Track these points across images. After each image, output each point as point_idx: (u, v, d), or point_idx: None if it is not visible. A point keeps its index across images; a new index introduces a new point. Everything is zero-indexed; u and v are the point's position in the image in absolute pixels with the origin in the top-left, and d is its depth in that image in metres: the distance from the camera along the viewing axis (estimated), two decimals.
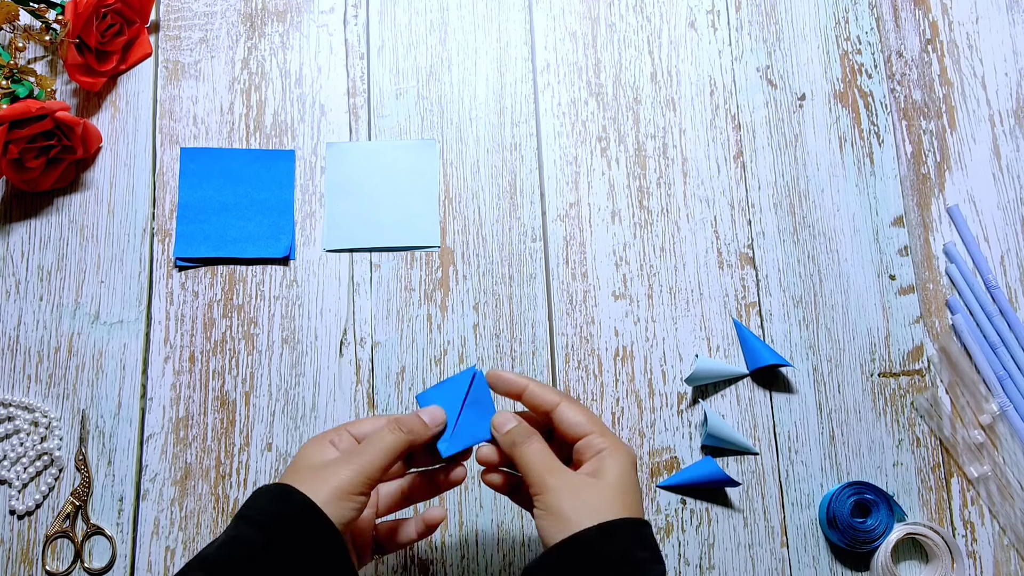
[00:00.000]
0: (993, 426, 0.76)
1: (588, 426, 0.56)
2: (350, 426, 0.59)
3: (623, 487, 0.53)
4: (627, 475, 0.54)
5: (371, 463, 0.54)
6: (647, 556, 0.52)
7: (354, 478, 0.53)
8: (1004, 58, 0.85)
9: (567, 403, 0.57)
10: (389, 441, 0.55)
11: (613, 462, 0.54)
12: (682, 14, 0.85)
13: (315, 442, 0.57)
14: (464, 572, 0.73)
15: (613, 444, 0.55)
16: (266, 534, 0.50)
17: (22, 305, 0.77)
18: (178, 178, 0.80)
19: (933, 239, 0.81)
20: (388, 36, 0.84)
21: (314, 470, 0.54)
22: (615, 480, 0.53)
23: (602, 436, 0.55)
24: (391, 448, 0.55)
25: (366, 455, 0.54)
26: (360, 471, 0.53)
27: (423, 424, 0.57)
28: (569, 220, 0.80)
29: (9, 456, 0.73)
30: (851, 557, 0.74)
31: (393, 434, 0.55)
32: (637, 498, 0.54)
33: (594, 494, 0.53)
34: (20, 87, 0.76)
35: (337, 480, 0.53)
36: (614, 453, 0.55)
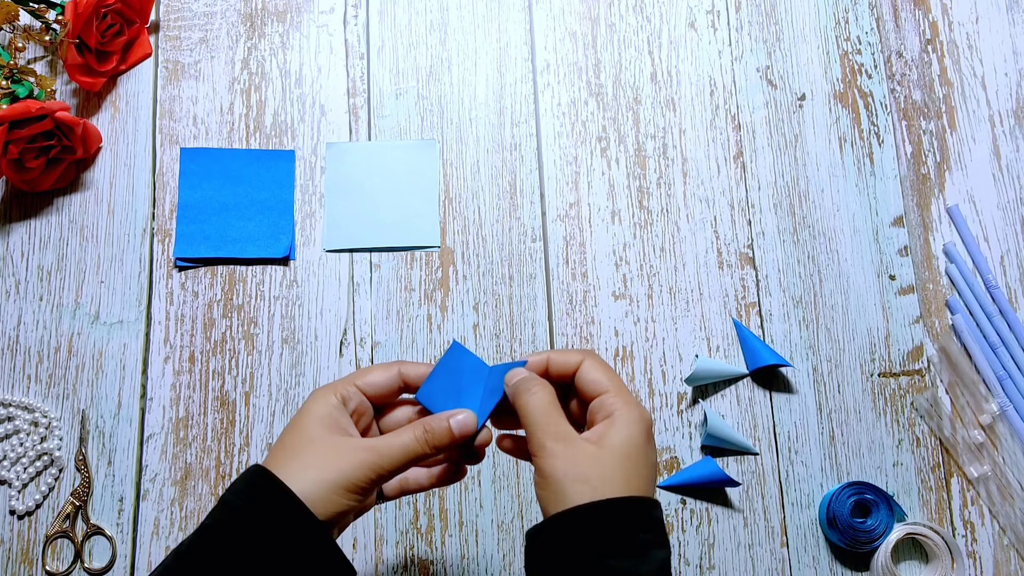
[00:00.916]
0: (993, 426, 0.76)
1: (604, 383, 0.52)
2: (358, 378, 0.54)
3: (627, 455, 0.49)
4: (635, 442, 0.50)
5: (384, 463, 0.50)
6: (650, 539, 0.48)
7: (363, 472, 0.49)
8: (1004, 58, 0.85)
9: (589, 360, 0.53)
10: (412, 448, 0.51)
11: (621, 426, 0.50)
12: (682, 14, 0.85)
13: (323, 398, 0.52)
14: (464, 572, 0.73)
15: (626, 405, 0.51)
16: (238, 521, 0.47)
17: (22, 305, 0.77)
18: (178, 178, 0.80)
19: (933, 239, 0.81)
20: (388, 36, 0.84)
21: (326, 442, 0.50)
22: (619, 448, 0.49)
23: (616, 395, 0.51)
24: (411, 453, 0.51)
25: (383, 454, 0.50)
26: (371, 468, 0.50)
27: (450, 433, 0.52)
28: (569, 220, 0.80)
29: (9, 456, 0.73)
30: (851, 557, 0.74)
31: (418, 442, 0.51)
32: (643, 470, 0.50)
33: (594, 465, 0.49)
34: (20, 87, 0.76)
35: (345, 468, 0.49)
36: (624, 416, 0.50)
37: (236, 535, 0.47)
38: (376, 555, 0.73)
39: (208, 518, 0.49)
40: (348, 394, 0.53)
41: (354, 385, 0.53)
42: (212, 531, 0.48)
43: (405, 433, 0.52)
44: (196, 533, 0.48)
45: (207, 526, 0.48)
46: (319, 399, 0.52)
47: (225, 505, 0.49)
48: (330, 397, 0.52)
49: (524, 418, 0.51)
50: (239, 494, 0.49)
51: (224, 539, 0.47)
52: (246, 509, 0.48)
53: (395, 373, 0.55)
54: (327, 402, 0.52)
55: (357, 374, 0.54)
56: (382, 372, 0.54)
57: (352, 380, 0.54)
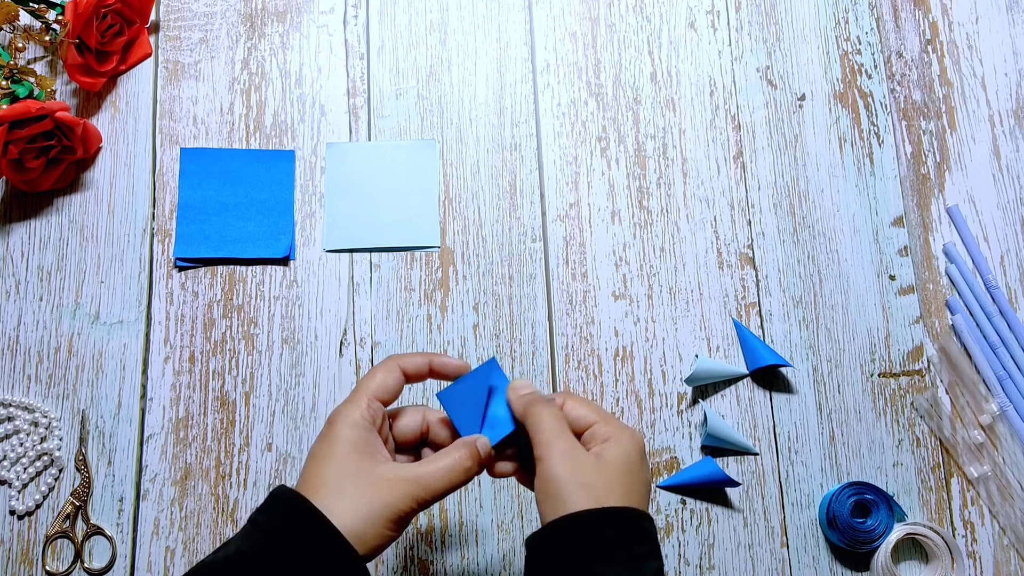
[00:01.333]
0: (993, 426, 0.76)
1: (592, 416, 0.55)
2: (369, 388, 0.54)
3: (626, 470, 0.52)
4: (632, 459, 0.53)
5: (428, 495, 0.51)
6: (644, 550, 0.50)
7: (411, 505, 0.51)
8: (1004, 58, 0.85)
9: (570, 399, 0.56)
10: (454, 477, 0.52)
11: (619, 446, 0.53)
12: (682, 14, 0.85)
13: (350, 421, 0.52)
14: (464, 572, 0.73)
15: (618, 430, 0.54)
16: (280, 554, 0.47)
17: (22, 305, 0.77)
18: (178, 178, 0.80)
19: (933, 239, 0.81)
20: (388, 36, 0.84)
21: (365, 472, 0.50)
22: (619, 464, 0.52)
23: (607, 424, 0.54)
24: (454, 482, 0.52)
25: (427, 486, 0.51)
26: (418, 500, 0.51)
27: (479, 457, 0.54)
28: (569, 220, 0.80)
29: (9, 456, 0.73)
30: (851, 557, 0.74)
31: (460, 472, 0.52)
32: (639, 485, 0.53)
33: (596, 475, 0.51)
34: (20, 87, 0.76)
35: (393, 501, 0.50)
36: (620, 438, 0.53)
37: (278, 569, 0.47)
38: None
39: (240, 542, 0.49)
40: (373, 411, 0.54)
41: (373, 398, 0.54)
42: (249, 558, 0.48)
43: (446, 458, 0.53)
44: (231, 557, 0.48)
45: (243, 552, 0.48)
46: (346, 421, 0.52)
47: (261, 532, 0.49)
48: (356, 417, 0.53)
49: (535, 426, 0.53)
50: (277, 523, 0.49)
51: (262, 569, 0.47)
52: (285, 541, 0.48)
53: (398, 374, 0.55)
54: (355, 424, 0.52)
55: (367, 384, 0.54)
56: (387, 374, 0.55)
57: (368, 393, 0.54)
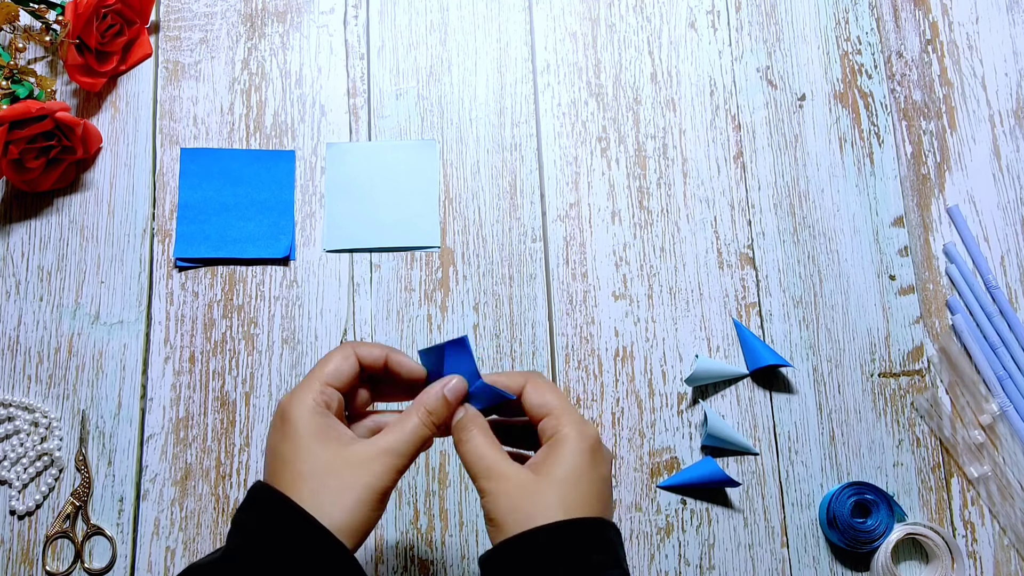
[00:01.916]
0: (993, 426, 0.76)
1: (547, 405, 0.51)
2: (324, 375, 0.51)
3: (569, 481, 0.48)
4: (576, 464, 0.49)
5: (404, 460, 0.49)
6: (603, 560, 0.47)
7: (391, 476, 0.48)
8: (1004, 58, 0.85)
9: (532, 382, 0.53)
10: (422, 432, 0.50)
11: (562, 450, 0.49)
12: (682, 14, 0.85)
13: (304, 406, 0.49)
14: (464, 572, 0.73)
15: (569, 425, 0.50)
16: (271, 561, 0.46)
17: (22, 305, 0.77)
18: (178, 178, 0.80)
19: (933, 239, 0.81)
20: (388, 36, 0.84)
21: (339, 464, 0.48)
22: (560, 473, 0.49)
23: (559, 417, 0.51)
24: (423, 438, 0.50)
25: (400, 451, 0.49)
26: (396, 469, 0.49)
27: (447, 402, 0.52)
28: (569, 220, 0.80)
29: (9, 456, 0.73)
30: (851, 557, 0.74)
31: (425, 425, 0.51)
32: (589, 488, 0.49)
33: (532, 497, 0.48)
34: (20, 87, 0.76)
35: (373, 481, 0.48)
36: (565, 438, 0.50)
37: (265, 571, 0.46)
38: (376, 555, 0.73)
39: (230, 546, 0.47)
40: (326, 396, 0.51)
41: (325, 384, 0.51)
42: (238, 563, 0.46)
43: (409, 420, 0.51)
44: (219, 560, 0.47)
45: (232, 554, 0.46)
46: (300, 411, 0.49)
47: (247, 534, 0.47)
48: (309, 404, 0.50)
49: (464, 464, 0.51)
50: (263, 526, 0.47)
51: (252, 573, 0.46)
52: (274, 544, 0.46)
53: (353, 361, 0.52)
54: (310, 411, 0.50)
55: (319, 369, 0.51)
56: (343, 361, 0.52)
57: (319, 378, 0.51)
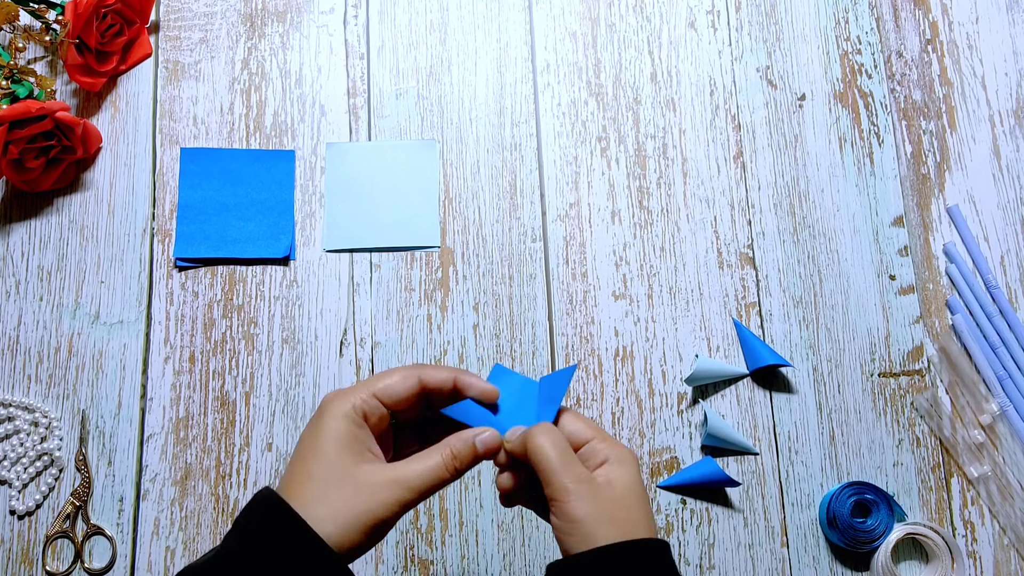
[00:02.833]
0: (993, 426, 0.76)
1: (588, 432, 0.52)
2: (375, 386, 0.50)
3: (637, 498, 0.50)
4: (637, 484, 0.51)
5: (413, 497, 0.49)
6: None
7: (394, 510, 0.48)
8: (1004, 58, 0.85)
9: (565, 413, 0.53)
10: (440, 475, 0.50)
11: (624, 471, 0.51)
12: (682, 14, 0.85)
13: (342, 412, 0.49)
14: (464, 572, 0.73)
15: (616, 448, 0.52)
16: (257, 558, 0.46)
17: (22, 305, 0.77)
18: (178, 178, 0.80)
19: (933, 239, 0.81)
20: (388, 36, 0.84)
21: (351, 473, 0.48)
22: (630, 489, 0.50)
23: (603, 441, 0.52)
24: (439, 481, 0.50)
25: (411, 487, 0.49)
26: (402, 504, 0.48)
27: (475, 452, 0.51)
28: (569, 220, 0.80)
29: (9, 456, 0.73)
30: (851, 557, 0.74)
31: (446, 468, 0.50)
32: (650, 510, 0.51)
33: (619, 507, 0.49)
34: (20, 87, 0.76)
35: (375, 508, 0.47)
36: (621, 459, 0.51)
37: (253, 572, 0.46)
38: (376, 555, 0.73)
39: (222, 547, 0.48)
40: (367, 407, 0.50)
41: (372, 395, 0.50)
42: (226, 561, 0.47)
43: (431, 458, 0.50)
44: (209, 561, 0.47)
45: (222, 556, 0.47)
46: (335, 412, 0.49)
47: (240, 535, 0.47)
48: (347, 409, 0.49)
49: (541, 463, 0.49)
50: (256, 528, 0.47)
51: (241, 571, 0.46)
52: (264, 545, 0.46)
53: (415, 382, 0.51)
54: (345, 416, 0.49)
55: (374, 379, 0.51)
56: (401, 380, 0.51)
57: (369, 387, 0.50)
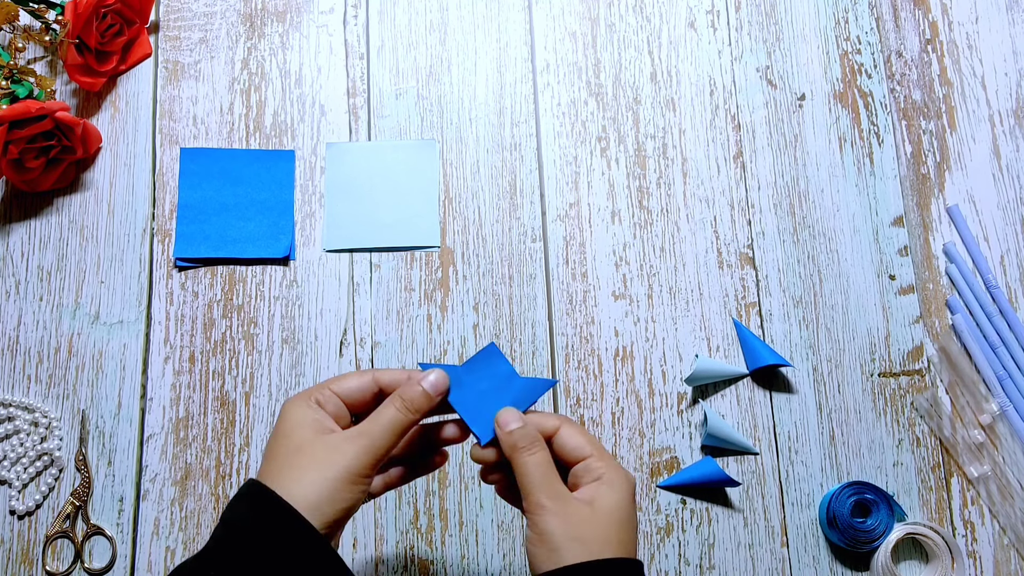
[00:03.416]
0: (993, 426, 0.76)
1: (587, 448, 0.53)
2: (332, 383, 0.53)
3: (619, 520, 0.50)
4: (624, 506, 0.51)
5: (379, 444, 0.50)
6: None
7: (363, 459, 0.49)
8: (1004, 58, 0.85)
9: (567, 426, 0.54)
10: (395, 419, 0.51)
11: (610, 490, 0.51)
12: (682, 14, 0.85)
13: (300, 404, 0.52)
14: (464, 572, 0.73)
15: (612, 469, 0.52)
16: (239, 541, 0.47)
17: (22, 305, 0.77)
18: (178, 178, 0.80)
19: (933, 239, 0.81)
20: (388, 36, 0.84)
21: (316, 444, 0.50)
22: (612, 511, 0.50)
23: (600, 460, 0.52)
24: (398, 425, 0.51)
25: (374, 434, 0.50)
26: (369, 452, 0.49)
27: (426, 395, 0.53)
28: (569, 220, 0.80)
29: (9, 456, 0.73)
30: (851, 557, 0.74)
31: (401, 411, 0.51)
32: (632, 534, 0.51)
33: (589, 526, 0.49)
34: (20, 87, 0.76)
35: (345, 461, 0.49)
36: (612, 480, 0.51)
37: (237, 555, 0.47)
38: (376, 555, 0.73)
39: (211, 540, 0.48)
40: (324, 398, 0.52)
41: (329, 389, 0.53)
42: (213, 552, 0.47)
43: (387, 409, 0.52)
44: (198, 555, 0.48)
45: (209, 547, 0.48)
46: (297, 406, 0.52)
47: (225, 524, 0.48)
48: (307, 402, 0.52)
49: (522, 477, 0.51)
50: (238, 512, 0.48)
51: (225, 560, 0.47)
52: (245, 527, 0.47)
53: (370, 379, 0.54)
54: (306, 407, 0.52)
55: (330, 380, 0.54)
56: (356, 378, 0.54)
57: (326, 385, 0.53)
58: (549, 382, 0.55)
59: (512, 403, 0.55)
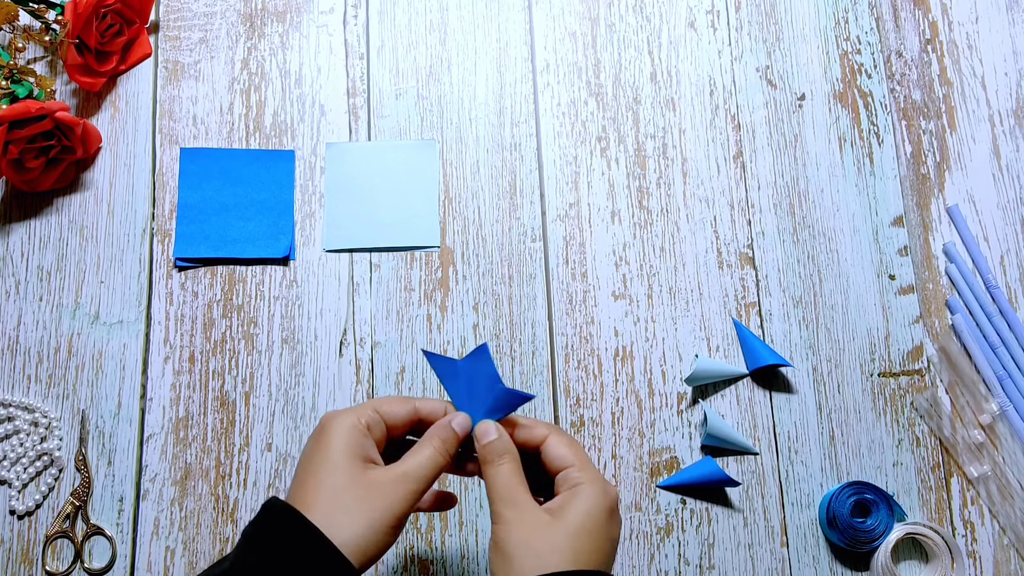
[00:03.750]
0: (993, 426, 0.76)
1: (570, 459, 0.53)
2: (379, 406, 0.54)
3: (585, 530, 0.50)
4: (595, 516, 0.50)
5: (421, 488, 0.51)
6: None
7: (406, 504, 0.50)
8: (1004, 58, 0.85)
9: (555, 435, 0.54)
10: (437, 460, 0.52)
11: (582, 500, 0.51)
12: (682, 14, 0.85)
13: (348, 425, 0.51)
14: (464, 572, 0.73)
15: (590, 481, 0.52)
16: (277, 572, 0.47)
17: (22, 305, 0.77)
18: (178, 178, 0.80)
19: (933, 239, 0.81)
20: (388, 36, 0.84)
21: (359, 486, 0.49)
22: (577, 520, 0.50)
23: (581, 470, 0.52)
24: (436, 468, 0.52)
25: (417, 478, 0.51)
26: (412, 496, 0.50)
27: (456, 437, 0.54)
28: (569, 220, 0.80)
29: (9, 456, 0.73)
30: (851, 557, 0.74)
31: (440, 453, 0.52)
32: (600, 544, 0.50)
33: (546, 536, 0.49)
34: (20, 87, 0.76)
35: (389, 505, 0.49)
36: (587, 490, 0.51)
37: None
38: None
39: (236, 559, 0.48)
40: (371, 420, 0.53)
41: (375, 410, 0.53)
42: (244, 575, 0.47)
43: (425, 448, 0.52)
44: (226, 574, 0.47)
45: (237, 568, 0.47)
46: (342, 425, 0.52)
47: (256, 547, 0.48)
48: (353, 421, 0.52)
49: (488, 488, 0.53)
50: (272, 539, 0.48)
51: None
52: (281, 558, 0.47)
53: (412, 408, 0.55)
54: (351, 428, 0.51)
55: (378, 402, 0.54)
56: (401, 404, 0.55)
57: (373, 404, 0.54)
58: (526, 396, 0.55)
59: (490, 409, 0.55)
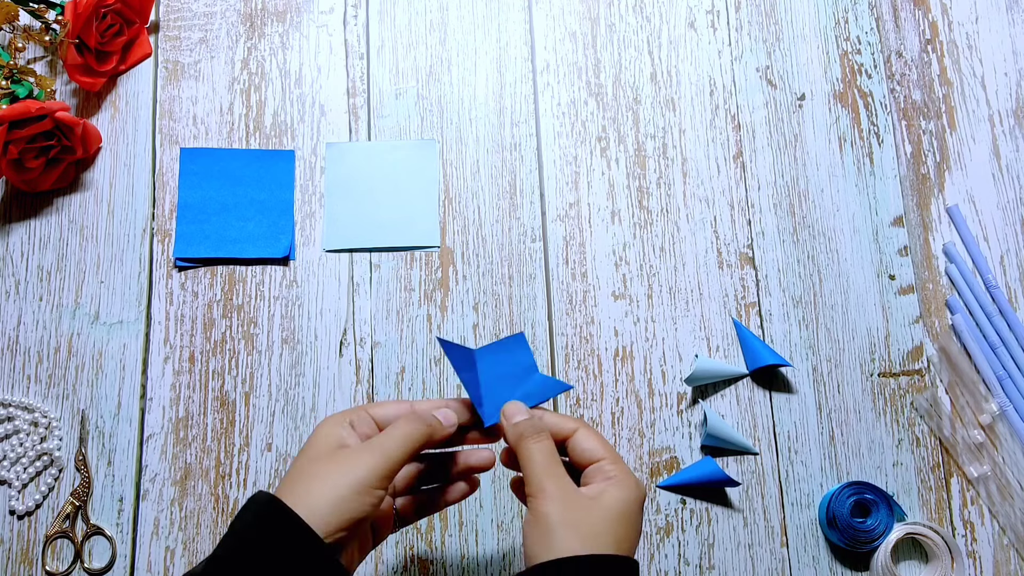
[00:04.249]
0: (993, 426, 0.76)
1: (601, 452, 0.53)
2: (371, 407, 0.55)
3: (621, 517, 0.51)
4: (630, 504, 0.51)
5: (390, 456, 0.51)
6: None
7: (373, 470, 0.50)
8: (1004, 58, 0.85)
9: (584, 429, 0.55)
10: (410, 432, 0.52)
11: (621, 490, 0.51)
12: (682, 14, 0.85)
13: (333, 422, 0.53)
14: (464, 572, 0.73)
15: (624, 473, 0.53)
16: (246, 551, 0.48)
17: (22, 305, 0.77)
18: (178, 178, 0.80)
19: (933, 239, 0.81)
20: (388, 36, 0.84)
21: (331, 457, 0.51)
22: (614, 507, 0.51)
23: (613, 464, 0.53)
24: (413, 439, 0.52)
25: (386, 446, 0.51)
26: (380, 462, 0.50)
27: (439, 423, 0.54)
28: (569, 220, 0.80)
29: (9, 456, 0.73)
30: (851, 557, 0.74)
31: (414, 424, 0.53)
32: (633, 533, 0.51)
33: (588, 517, 0.50)
34: (20, 87, 0.76)
35: (357, 470, 0.49)
36: (622, 481, 0.52)
37: (241, 563, 0.47)
38: (376, 555, 0.73)
39: (218, 548, 0.49)
40: (358, 420, 0.54)
41: (366, 412, 0.54)
42: (220, 560, 0.48)
43: (401, 423, 0.53)
44: (205, 562, 0.48)
45: (216, 556, 0.48)
46: (328, 424, 0.53)
47: (233, 533, 0.49)
48: (340, 421, 0.53)
49: (526, 463, 0.52)
50: (244, 521, 0.49)
51: (230, 567, 0.47)
52: (251, 535, 0.48)
53: (407, 407, 0.55)
54: (336, 425, 0.53)
55: (370, 404, 0.55)
56: (394, 406, 0.55)
57: (364, 408, 0.55)
58: (565, 385, 0.56)
59: (523, 396, 0.56)
